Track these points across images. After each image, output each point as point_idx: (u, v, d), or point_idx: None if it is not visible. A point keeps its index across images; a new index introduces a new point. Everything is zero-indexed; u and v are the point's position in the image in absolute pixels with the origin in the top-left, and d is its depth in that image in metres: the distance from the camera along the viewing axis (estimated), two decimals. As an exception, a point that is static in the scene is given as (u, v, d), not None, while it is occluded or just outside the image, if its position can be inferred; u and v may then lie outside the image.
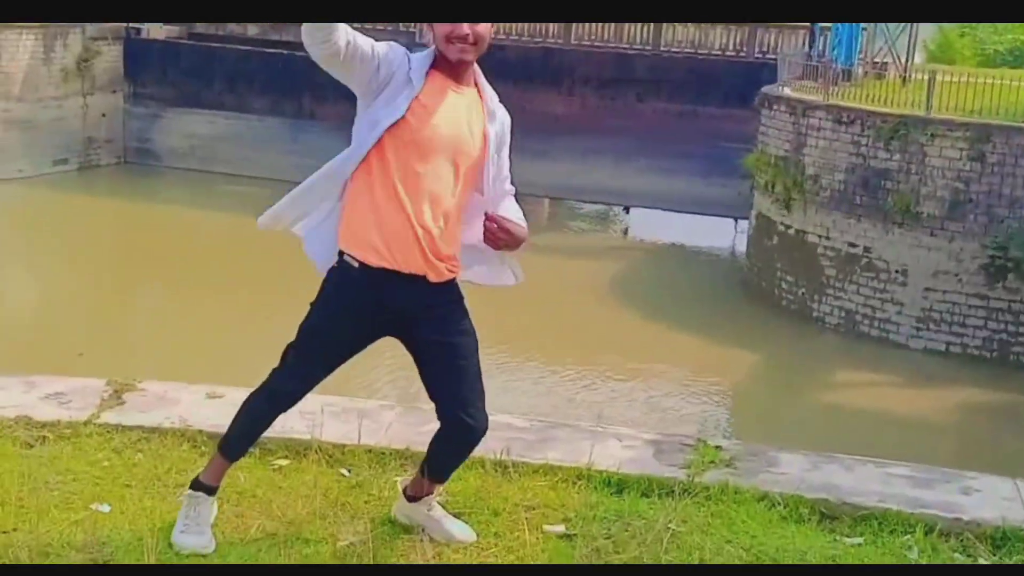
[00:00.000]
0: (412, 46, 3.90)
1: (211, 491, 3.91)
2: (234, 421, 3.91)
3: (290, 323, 3.91)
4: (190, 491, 3.91)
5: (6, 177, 30.33)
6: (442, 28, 3.57)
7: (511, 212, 3.86)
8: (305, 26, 3.38)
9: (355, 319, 3.73)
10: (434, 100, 3.60)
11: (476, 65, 3.72)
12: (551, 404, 16.47)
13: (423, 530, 3.96)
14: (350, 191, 3.67)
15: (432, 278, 3.66)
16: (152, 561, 3.74)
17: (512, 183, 3.95)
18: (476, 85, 3.74)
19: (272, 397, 3.84)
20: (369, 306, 3.68)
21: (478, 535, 4.01)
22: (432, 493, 4.00)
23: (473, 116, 3.68)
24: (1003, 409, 17.76)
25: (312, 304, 3.79)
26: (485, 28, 3.61)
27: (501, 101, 3.83)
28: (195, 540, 3.85)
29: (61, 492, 4.17)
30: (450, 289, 3.76)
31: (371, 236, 3.62)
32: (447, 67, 3.64)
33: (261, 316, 18.19)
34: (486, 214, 3.70)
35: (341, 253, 3.68)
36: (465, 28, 3.54)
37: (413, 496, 3.99)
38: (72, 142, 32.64)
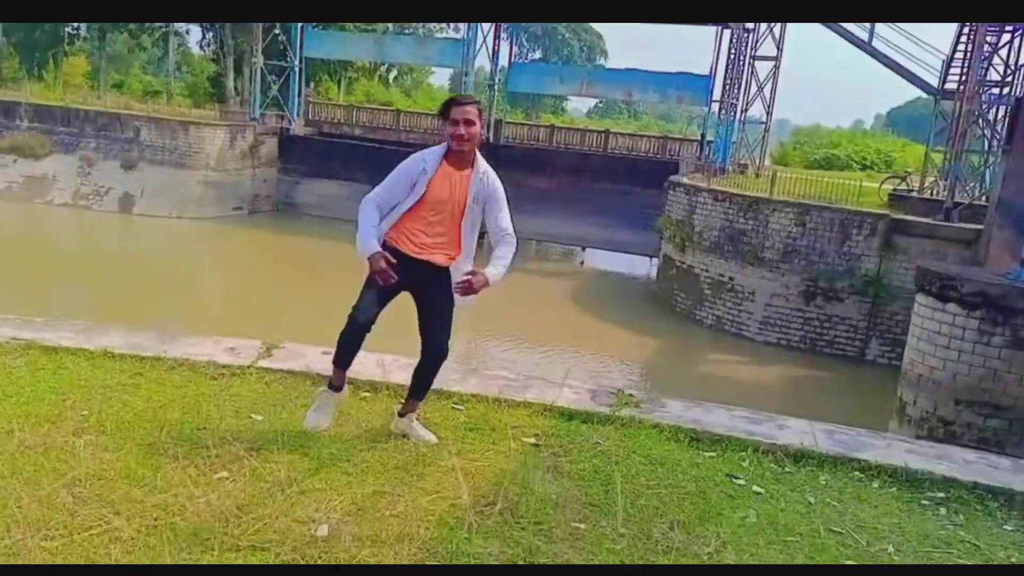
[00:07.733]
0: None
1: (336, 389, 3.98)
2: (337, 345, 3.91)
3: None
4: (325, 389, 4.02)
5: (204, 216, 30.56)
6: (452, 131, 3.68)
7: (499, 253, 3.81)
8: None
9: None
10: (439, 180, 3.74)
11: (478, 154, 3.80)
12: (530, 363, 16.48)
13: (406, 436, 3.93)
14: (400, 217, 3.77)
15: (430, 262, 3.80)
16: (283, 443, 3.75)
17: (510, 233, 3.85)
18: (472, 167, 3.77)
19: (350, 320, 3.82)
20: (400, 269, 3.72)
21: (456, 441, 3.96)
22: (414, 410, 4.00)
23: (461, 186, 3.75)
24: (809, 379, 17.78)
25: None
26: (476, 129, 3.70)
27: (508, 180, 3.88)
28: (316, 417, 3.92)
29: (232, 406, 4.19)
30: (442, 271, 3.83)
31: (402, 239, 3.79)
32: (451, 156, 3.76)
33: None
34: (464, 279, 3.71)
35: (385, 243, 3.75)
36: (461, 130, 3.66)
37: (403, 412, 4.00)
38: (245, 196, 32.51)
